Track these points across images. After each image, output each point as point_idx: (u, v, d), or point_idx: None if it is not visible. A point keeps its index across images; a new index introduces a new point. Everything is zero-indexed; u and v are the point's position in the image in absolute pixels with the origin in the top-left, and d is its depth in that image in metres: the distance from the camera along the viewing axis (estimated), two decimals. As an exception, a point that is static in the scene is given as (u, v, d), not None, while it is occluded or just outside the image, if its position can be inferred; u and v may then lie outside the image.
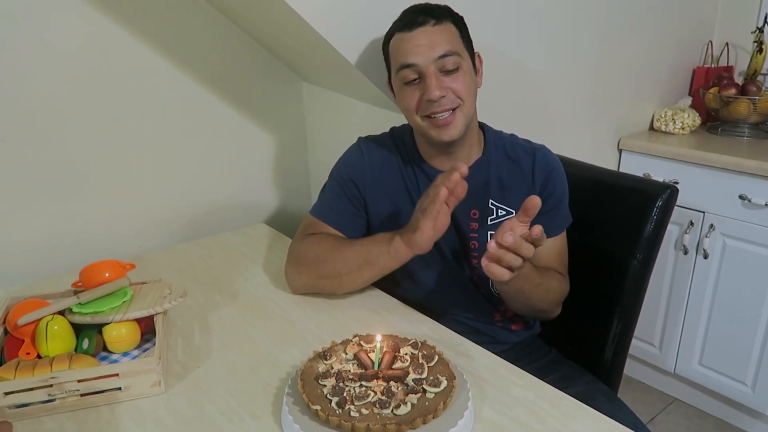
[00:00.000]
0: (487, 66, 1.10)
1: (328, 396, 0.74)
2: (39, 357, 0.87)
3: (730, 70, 1.99)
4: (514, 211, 1.07)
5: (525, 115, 1.51)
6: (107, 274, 0.95)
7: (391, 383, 0.76)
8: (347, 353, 0.83)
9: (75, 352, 0.89)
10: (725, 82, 1.84)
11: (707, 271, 1.73)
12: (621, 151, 1.87)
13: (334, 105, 1.54)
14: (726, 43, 1.98)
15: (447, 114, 0.99)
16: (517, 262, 0.85)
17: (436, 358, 0.82)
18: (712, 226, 1.69)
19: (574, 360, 1.17)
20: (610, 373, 1.16)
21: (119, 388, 0.82)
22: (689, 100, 1.94)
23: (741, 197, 1.62)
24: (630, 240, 1.12)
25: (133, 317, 0.91)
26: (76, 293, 0.95)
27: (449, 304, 1.12)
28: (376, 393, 0.75)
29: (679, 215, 1.74)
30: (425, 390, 0.75)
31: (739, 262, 1.66)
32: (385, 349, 0.83)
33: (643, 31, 1.75)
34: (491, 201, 1.08)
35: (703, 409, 1.90)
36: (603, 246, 1.16)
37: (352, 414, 0.71)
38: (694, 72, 2.00)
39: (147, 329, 0.95)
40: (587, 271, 1.15)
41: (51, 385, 0.78)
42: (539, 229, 0.83)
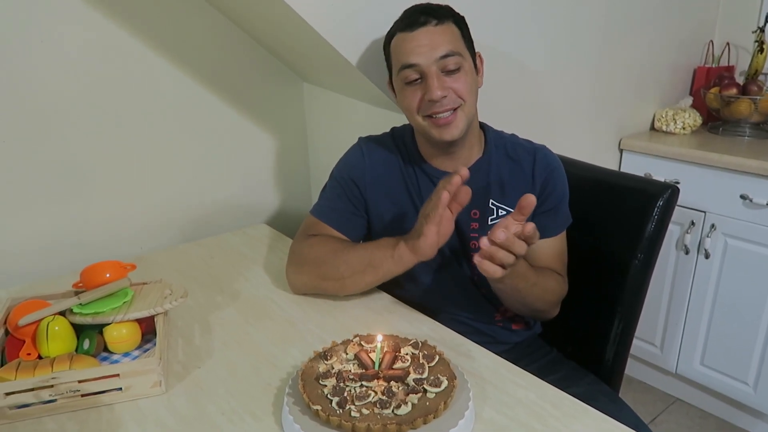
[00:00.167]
0: (488, 66, 1.10)
1: (328, 396, 0.74)
2: (40, 357, 0.87)
3: (731, 69, 1.99)
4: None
5: (526, 115, 1.51)
6: (108, 274, 0.95)
7: (392, 383, 0.76)
8: (348, 353, 0.83)
9: (76, 352, 0.89)
10: (726, 81, 1.84)
11: (708, 271, 1.73)
12: (622, 151, 1.87)
13: (334, 105, 1.54)
14: (727, 43, 1.98)
15: (448, 114, 0.99)
16: (510, 259, 0.85)
17: (436, 358, 0.82)
18: (713, 226, 1.69)
19: (575, 360, 1.17)
20: (611, 374, 1.16)
21: (120, 388, 0.82)
22: (690, 99, 1.94)
23: (742, 197, 1.62)
24: (631, 240, 1.12)
25: (134, 318, 0.91)
26: (76, 294, 0.95)
27: (450, 304, 1.12)
28: (376, 393, 0.75)
29: (680, 215, 1.74)
30: (426, 390, 0.75)
31: (741, 261, 1.65)
32: (386, 349, 0.83)
33: (644, 31, 1.75)
34: (492, 201, 1.08)
35: (705, 409, 1.90)
36: (604, 246, 1.16)
37: (352, 414, 0.71)
38: (695, 72, 2.00)
39: (148, 330, 0.95)
40: (588, 271, 1.15)
41: (52, 386, 0.78)
42: (532, 227, 0.83)
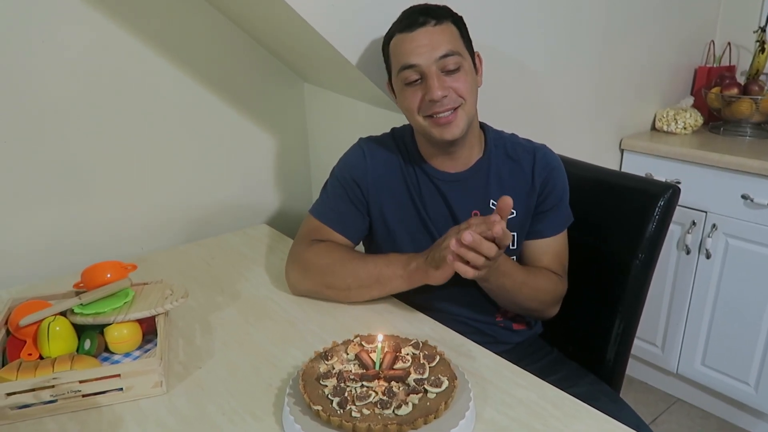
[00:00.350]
0: (489, 66, 1.10)
1: (329, 396, 0.74)
2: (41, 358, 0.87)
3: (732, 69, 1.99)
4: (515, 211, 1.06)
5: (526, 115, 1.51)
6: (109, 275, 0.96)
7: (393, 383, 0.76)
8: (348, 353, 0.83)
9: (77, 352, 0.89)
10: (727, 81, 1.84)
11: (709, 271, 1.72)
12: (623, 151, 1.86)
13: (335, 105, 1.54)
14: (728, 43, 1.98)
15: (449, 113, 0.99)
16: (479, 260, 0.85)
17: (437, 358, 0.82)
18: (714, 225, 1.69)
19: (576, 360, 1.17)
20: (612, 374, 1.16)
21: (121, 388, 0.82)
22: (691, 99, 1.94)
23: (743, 197, 1.62)
24: (632, 240, 1.12)
25: (135, 318, 0.91)
26: (77, 294, 0.95)
27: (451, 304, 1.12)
28: (377, 393, 0.75)
29: (682, 215, 1.73)
30: (426, 390, 0.75)
31: (742, 261, 1.65)
32: (387, 350, 0.83)
33: (645, 31, 1.75)
34: (492, 201, 1.07)
35: (706, 410, 1.90)
36: (605, 246, 1.16)
37: (353, 414, 0.71)
38: (696, 72, 2.00)
39: (148, 330, 0.95)
40: (589, 271, 1.14)
41: (53, 386, 0.79)
42: (500, 229, 0.83)
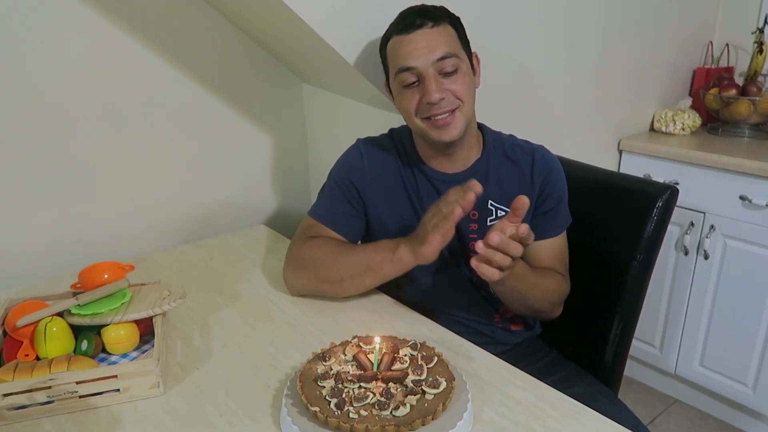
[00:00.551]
0: (488, 67, 1.10)
1: (327, 397, 0.74)
2: (38, 359, 0.87)
3: (730, 70, 1.99)
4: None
5: (525, 116, 1.51)
6: (106, 275, 0.95)
7: (390, 384, 0.76)
8: (346, 354, 0.83)
9: (74, 353, 0.89)
10: (725, 82, 1.84)
11: (708, 272, 1.72)
12: (621, 152, 1.86)
13: (333, 106, 1.54)
14: (726, 44, 1.98)
15: (447, 115, 0.99)
16: (506, 261, 0.85)
17: (435, 359, 0.82)
18: (712, 226, 1.69)
19: (574, 361, 1.17)
20: (610, 374, 1.16)
21: (118, 389, 0.81)
22: (689, 100, 1.94)
23: (741, 198, 1.62)
24: (630, 241, 1.12)
25: (132, 319, 0.91)
26: (75, 295, 0.95)
27: (449, 305, 1.12)
28: (375, 394, 0.75)
29: (680, 216, 1.73)
30: (424, 391, 0.75)
31: (740, 262, 1.65)
32: (384, 351, 0.83)
33: (644, 32, 1.75)
34: (490, 202, 1.07)
35: (704, 410, 1.90)
36: (603, 247, 1.16)
37: (351, 415, 0.71)
38: (694, 73, 2.00)
39: (146, 331, 0.95)
40: (588, 272, 1.14)
41: (50, 387, 0.78)
42: (526, 228, 0.84)
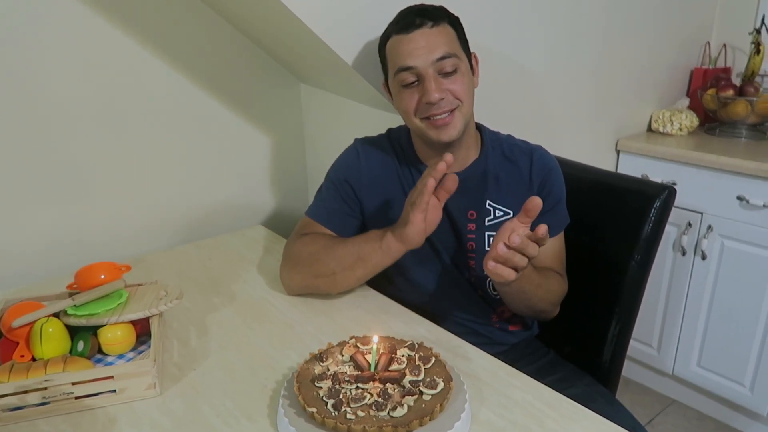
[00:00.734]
0: (487, 67, 1.10)
1: (324, 398, 0.74)
2: (33, 359, 0.86)
3: (727, 71, 1.99)
4: (511, 212, 1.06)
5: (524, 116, 1.51)
6: (102, 276, 0.95)
7: (388, 385, 0.76)
8: (343, 355, 0.83)
9: (70, 354, 0.88)
10: (723, 83, 1.84)
11: (705, 273, 1.73)
12: (619, 153, 1.87)
13: (331, 106, 1.54)
14: (724, 45, 1.99)
15: (446, 115, 0.99)
16: (524, 262, 0.85)
17: (432, 359, 0.81)
18: (710, 227, 1.69)
19: (572, 361, 1.17)
20: (608, 375, 1.16)
21: (114, 390, 0.81)
22: (687, 101, 1.94)
23: (739, 198, 1.62)
24: (628, 241, 1.12)
25: (129, 319, 0.90)
26: (71, 295, 0.94)
27: (446, 305, 1.12)
28: (372, 395, 0.74)
29: (677, 216, 1.74)
30: (422, 392, 0.75)
31: (737, 263, 1.65)
32: (382, 351, 0.82)
33: (642, 33, 1.75)
34: (488, 202, 1.07)
35: (702, 411, 1.90)
36: (601, 247, 1.16)
37: (348, 416, 0.71)
38: (692, 73, 2.00)
39: (143, 331, 0.95)
40: (585, 272, 1.14)
41: (45, 388, 0.78)
42: (545, 229, 0.83)
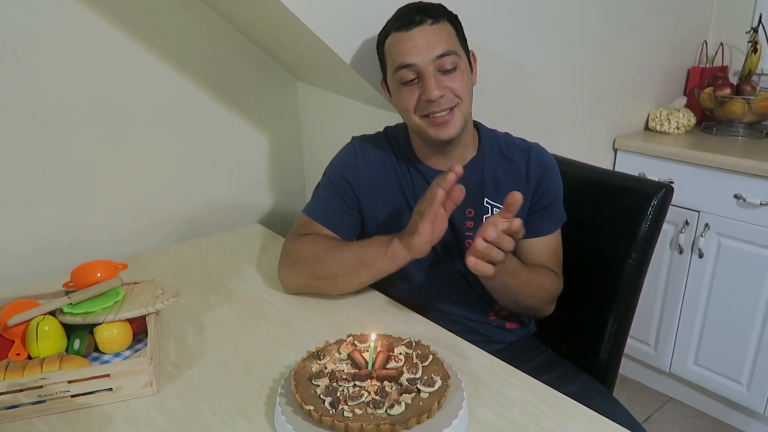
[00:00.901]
0: (484, 66, 1.09)
1: (321, 396, 0.74)
2: (29, 358, 0.86)
3: (724, 70, 1.99)
4: (509, 210, 1.07)
5: (521, 115, 1.51)
6: (99, 274, 0.95)
7: (385, 383, 0.76)
8: (341, 353, 0.83)
9: (66, 352, 0.88)
10: (720, 81, 1.84)
11: (702, 271, 1.73)
12: (616, 151, 1.87)
13: (328, 104, 1.53)
14: (721, 43, 1.99)
15: (445, 113, 0.99)
16: (500, 256, 0.87)
17: (430, 357, 0.81)
18: (707, 225, 1.69)
19: (569, 359, 1.17)
20: (605, 373, 1.16)
21: (110, 389, 0.81)
22: (684, 99, 1.95)
23: (736, 197, 1.63)
24: (625, 239, 1.12)
25: (125, 317, 0.90)
26: (67, 293, 0.94)
27: (444, 303, 1.12)
28: (369, 393, 0.74)
29: (675, 215, 1.74)
30: (419, 390, 0.75)
31: (734, 261, 1.66)
32: (379, 349, 0.82)
33: (639, 32, 1.76)
34: (486, 200, 1.07)
35: (699, 409, 1.90)
36: (598, 245, 1.16)
37: (345, 414, 0.71)
38: (689, 72, 2.00)
39: (139, 330, 0.94)
40: (582, 271, 1.14)
41: (41, 387, 0.78)
42: (519, 222, 0.86)
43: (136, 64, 1.33)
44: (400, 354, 0.82)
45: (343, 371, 0.78)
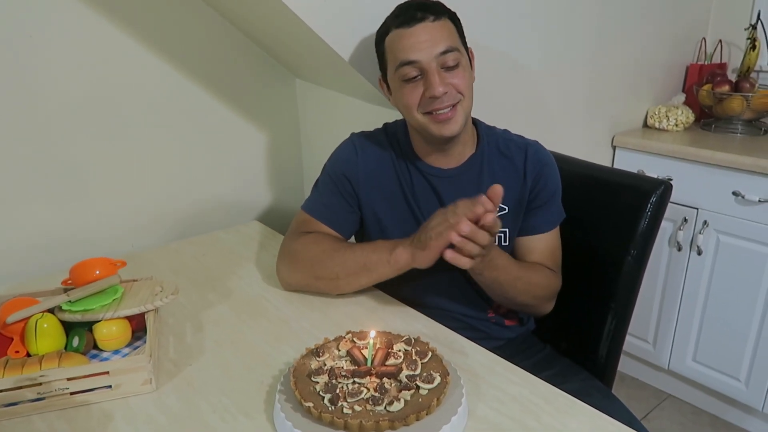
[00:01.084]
0: (483, 64, 1.09)
1: (320, 393, 0.74)
2: (28, 355, 0.86)
3: (723, 67, 2.00)
4: (507, 207, 1.06)
5: (520, 112, 1.51)
6: (98, 271, 0.94)
7: (384, 380, 0.76)
8: (340, 350, 0.83)
9: (65, 350, 0.88)
10: (719, 79, 1.84)
11: (701, 268, 1.73)
12: (615, 148, 1.87)
13: (327, 102, 1.53)
14: (719, 41, 1.99)
15: (448, 110, 0.98)
16: (475, 249, 0.87)
17: (429, 354, 0.81)
18: (705, 222, 1.69)
19: (568, 356, 1.17)
20: (604, 370, 1.16)
21: (109, 386, 0.81)
22: (683, 97, 1.95)
23: (734, 194, 1.63)
24: (624, 236, 1.12)
25: (124, 315, 0.90)
26: (66, 291, 0.94)
27: (443, 300, 1.12)
28: (369, 390, 0.74)
29: (673, 212, 1.74)
30: (418, 386, 0.75)
31: (733, 258, 1.66)
32: (378, 346, 0.82)
33: (638, 29, 1.76)
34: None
35: (697, 405, 1.91)
36: (597, 242, 1.16)
37: (344, 411, 0.71)
38: (687, 69, 2.00)
39: (138, 327, 0.94)
40: (581, 268, 1.15)
41: (40, 384, 0.78)
42: (491, 218, 0.86)
43: (134, 61, 1.32)
44: (399, 351, 0.82)
45: (343, 368, 0.78)
